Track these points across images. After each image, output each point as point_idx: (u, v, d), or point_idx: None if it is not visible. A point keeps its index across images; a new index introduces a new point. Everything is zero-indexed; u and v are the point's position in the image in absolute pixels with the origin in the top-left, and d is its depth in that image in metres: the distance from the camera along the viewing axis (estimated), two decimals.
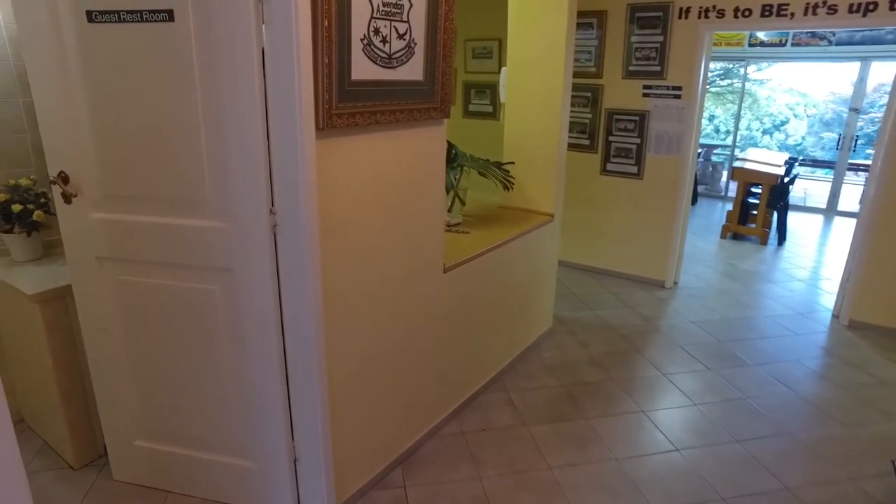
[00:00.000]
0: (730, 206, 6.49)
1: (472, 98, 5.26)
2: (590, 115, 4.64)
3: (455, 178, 3.00)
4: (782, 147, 11.81)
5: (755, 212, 6.24)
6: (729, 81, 12.07)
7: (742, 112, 11.74)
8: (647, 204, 4.52)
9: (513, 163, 3.42)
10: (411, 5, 1.90)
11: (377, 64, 1.83)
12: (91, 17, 1.71)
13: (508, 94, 3.40)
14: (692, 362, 3.34)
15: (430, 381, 2.52)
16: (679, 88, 4.21)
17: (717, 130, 12.58)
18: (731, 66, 11.24)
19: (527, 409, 2.85)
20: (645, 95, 4.36)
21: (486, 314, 2.86)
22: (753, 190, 6.47)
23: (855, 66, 7.66)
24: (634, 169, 4.52)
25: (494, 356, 3.06)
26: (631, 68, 4.38)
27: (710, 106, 12.70)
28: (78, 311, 2.10)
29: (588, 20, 4.47)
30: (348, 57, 1.71)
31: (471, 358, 2.82)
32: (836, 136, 8.28)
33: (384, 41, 1.83)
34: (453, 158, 3.16)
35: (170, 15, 1.65)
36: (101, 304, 2.05)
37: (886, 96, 3.83)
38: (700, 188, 8.46)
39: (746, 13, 3.87)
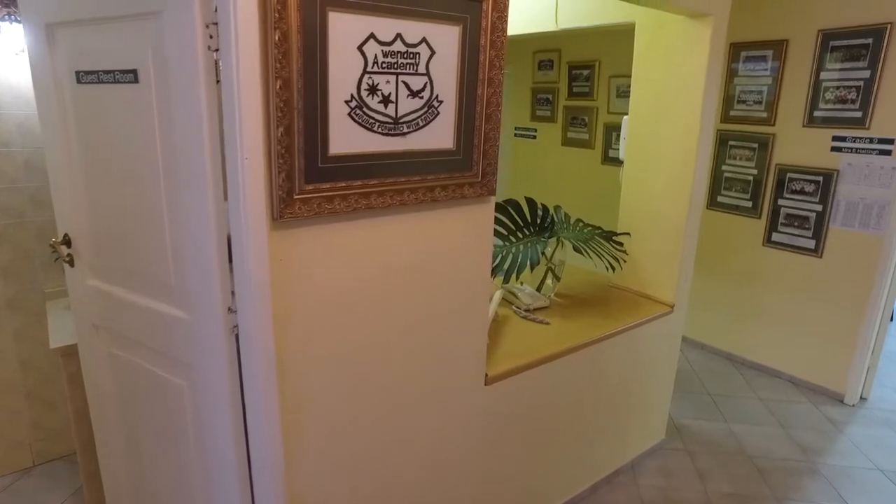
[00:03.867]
0: None
1: (614, 143, 4.57)
2: (754, 171, 3.69)
3: (542, 252, 2.44)
4: None
5: None
6: None
7: None
8: (827, 289, 3.44)
9: (628, 234, 2.74)
10: (433, 53, 1.45)
11: (374, 131, 1.41)
12: (79, 77, 1.55)
13: (629, 149, 2.74)
14: None
15: None
16: (890, 142, 3.13)
17: None
18: None
19: None
20: (835, 150, 3.32)
21: (552, 432, 2.25)
22: None
23: None
24: (811, 243, 3.47)
25: (563, 481, 2.42)
26: (817, 113, 3.37)
27: None
28: (83, 373, 1.99)
29: (760, 52, 3.56)
30: (324, 125, 1.32)
31: (523, 485, 2.23)
32: None
33: (385, 101, 1.40)
34: (547, 226, 2.60)
35: (135, 75, 1.41)
36: (98, 371, 1.91)
37: None
38: None
39: None
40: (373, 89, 1.37)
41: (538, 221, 2.58)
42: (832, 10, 3.23)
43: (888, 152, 3.13)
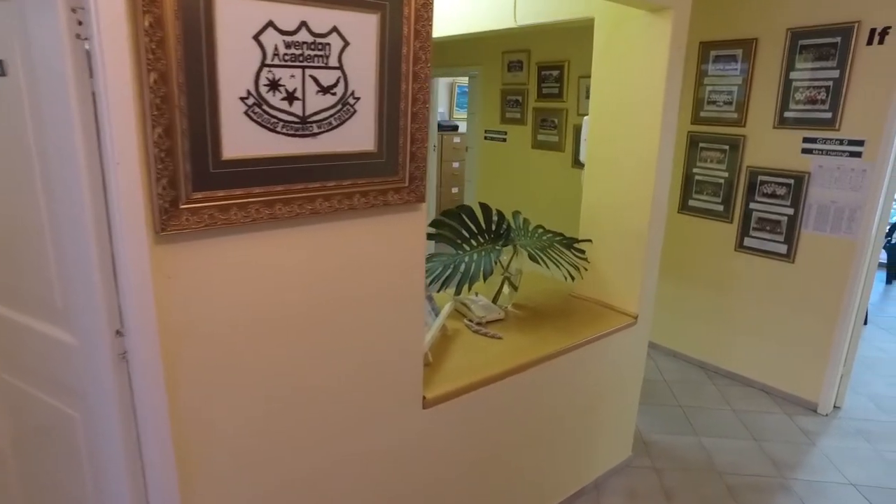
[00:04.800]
0: None
1: None
2: (725, 174, 3.58)
3: (496, 261, 2.30)
4: None
5: None
6: None
7: None
8: (800, 295, 3.33)
9: (590, 241, 2.61)
10: (346, 44, 1.30)
11: (278, 132, 1.25)
12: None
13: (590, 151, 2.61)
14: None
15: None
16: (860, 143, 3.03)
17: None
18: None
19: None
20: (806, 151, 3.22)
21: (504, 455, 2.10)
22: None
23: None
24: (783, 248, 3.37)
25: None
26: (787, 114, 3.27)
27: None
28: None
29: (730, 51, 3.46)
30: (214, 125, 1.16)
31: None
32: None
33: (290, 98, 1.25)
34: (502, 234, 2.46)
35: (1, 67, 1.24)
36: None
37: None
38: None
39: None
40: (274, 85, 1.22)
41: (493, 228, 2.44)
42: (801, 8, 3.13)
43: (858, 154, 3.03)
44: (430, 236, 2.47)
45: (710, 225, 3.69)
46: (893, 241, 5.68)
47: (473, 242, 2.42)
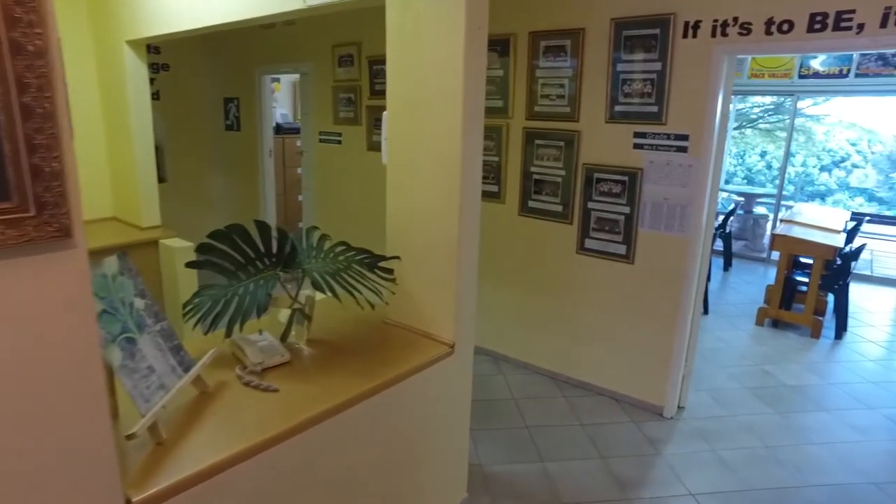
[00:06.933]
0: (774, 274, 5.04)
1: None
2: (563, 172, 3.40)
3: (271, 292, 1.85)
4: (842, 186, 10.31)
5: (805, 287, 4.79)
6: (780, 118, 10.65)
7: (794, 151, 10.32)
8: (640, 297, 3.22)
9: (398, 258, 2.23)
10: None
11: None
12: None
13: (391, 152, 2.24)
14: None
15: None
16: (684, 138, 2.94)
17: (769, 167, 11.17)
18: (781, 100, 9.82)
19: None
20: (637, 147, 3.10)
21: None
22: (803, 260, 5.04)
23: None
24: (622, 248, 3.24)
25: None
26: (617, 108, 3.14)
27: (759, 143, 11.31)
28: None
29: (559, 42, 3.27)
30: None
31: None
32: None
33: None
34: (286, 259, 2.00)
35: None
36: None
37: None
38: (737, 246, 6.99)
39: (786, 27, 2.58)
40: None
41: (273, 251, 1.98)
42: None
43: (685, 149, 2.94)
44: (194, 265, 1.98)
45: (551, 227, 3.50)
46: (727, 230, 5.98)
47: (251, 269, 1.95)
